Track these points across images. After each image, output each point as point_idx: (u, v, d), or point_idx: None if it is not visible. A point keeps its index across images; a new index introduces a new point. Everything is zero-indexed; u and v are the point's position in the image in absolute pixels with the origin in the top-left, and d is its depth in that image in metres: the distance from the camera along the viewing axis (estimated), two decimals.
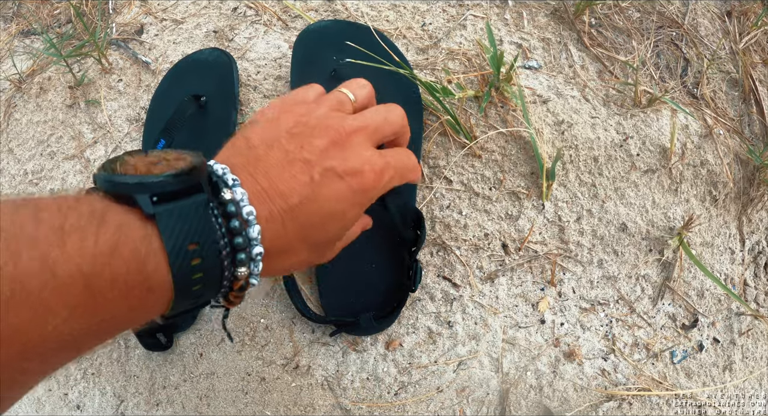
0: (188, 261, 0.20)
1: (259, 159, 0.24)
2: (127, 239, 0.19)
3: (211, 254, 0.21)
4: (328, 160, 0.25)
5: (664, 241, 0.49)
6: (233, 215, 0.22)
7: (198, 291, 0.21)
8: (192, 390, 0.45)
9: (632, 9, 0.54)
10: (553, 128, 0.47)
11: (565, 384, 0.45)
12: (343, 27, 0.46)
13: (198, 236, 0.20)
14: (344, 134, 0.26)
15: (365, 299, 0.42)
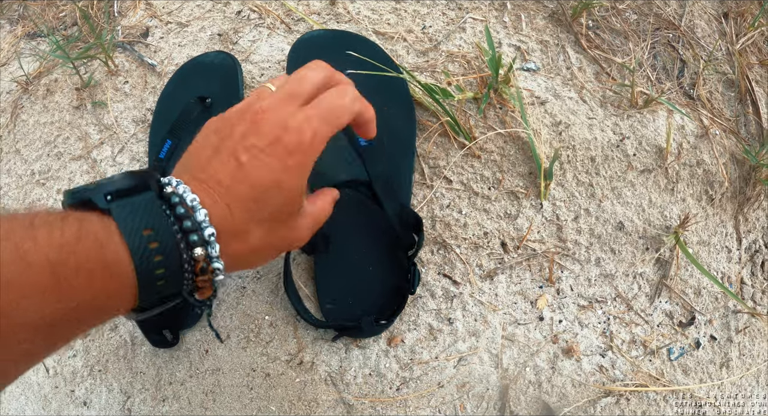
0: (145, 244, 0.22)
1: (197, 161, 0.27)
2: (89, 231, 0.21)
3: (166, 237, 0.22)
4: (248, 139, 0.26)
5: (661, 240, 0.50)
6: (178, 204, 0.24)
7: (161, 275, 0.22)
8: (198, 386, 0.46)
9: (629, 11, 0.55)
10: (550, 129, 0.48)
11: (563, 379, 0.46)
12: (336, 36, 0.47)
13: (151, 223, 0.22)
14: (260, 112, 0.27)
15: (364, 302, 0.43)
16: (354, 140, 0.41)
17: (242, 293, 0.47)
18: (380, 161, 0.41)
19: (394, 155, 0.44)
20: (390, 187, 0.40)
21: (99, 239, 0.21)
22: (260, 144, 0.26)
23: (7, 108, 0.58)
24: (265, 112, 0.27)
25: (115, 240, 0.21)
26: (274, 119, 0.26)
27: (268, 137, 0.26)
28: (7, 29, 0.62)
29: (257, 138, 0.26)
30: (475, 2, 0.53)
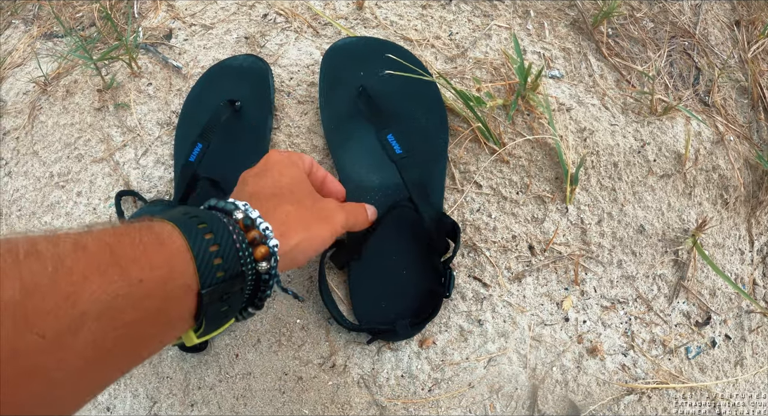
0: (187, 218, 0.24)
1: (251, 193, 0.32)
2: (138, 220, 0.24)
3: (207, 214, 0.25)
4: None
5: (679, 242, 0.51)
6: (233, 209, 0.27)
7: (211, 242, 0.24)
8: (228, 391, 0.46)
9: (646, 19, 0.57)
10: (576, 135, 0.49)
11: (588, 378, 0.48)
12: (367, 44, 0.47)
13: (197, 213, 0.25)
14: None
15: (398, 305, 0.44)
16: (389, 148, 0.42)
17: (273, 296, 0.47)
18: (415, 168, 0.41)
19: (428, 163, 0.45)
20: (427, 194, 0.41)
21: (146, 222, 0.23)
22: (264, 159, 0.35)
23: (24, 109, 0.57)
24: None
25: (161, 220, 0.24)
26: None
27: (266, 156, 0.36)
28: (22, 29, 0.61)
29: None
30: (499, 10, 0.54)
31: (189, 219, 0.24)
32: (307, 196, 0.33)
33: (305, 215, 0.31)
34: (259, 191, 0.31)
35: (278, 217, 0.29)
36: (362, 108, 0.45)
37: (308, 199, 0.33)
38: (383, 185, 0.44)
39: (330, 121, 0.47)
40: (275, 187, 0.32)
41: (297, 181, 0.33)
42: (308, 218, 0.31)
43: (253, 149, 0.47)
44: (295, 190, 0.33)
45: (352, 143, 0.45)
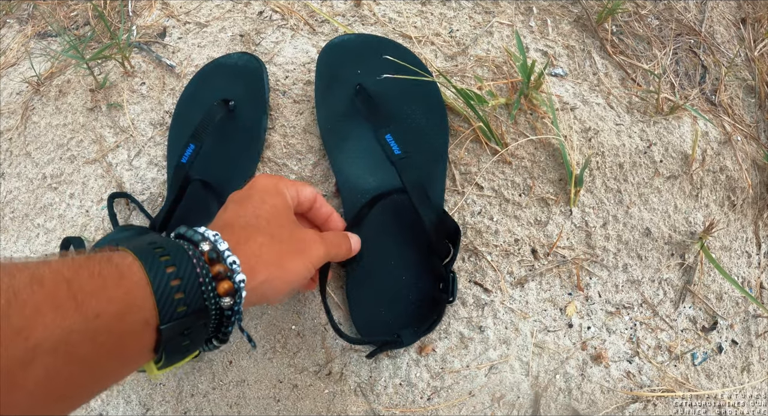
0: (151, 250, 0.23)
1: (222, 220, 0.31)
2: (99, 252, 0.22)
3: (173, 248, 0.24)
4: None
5: (686, 245, 0.49)
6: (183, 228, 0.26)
7: (177, 288, 0.22)
8: (221, 398, 0.44)
9: (651, 17, 0.54)
10: (580, 135, 0.47)
11: (592, 386, 0.45)
12: (365, 41, 0.45)
13: (161, 242, 0.24)
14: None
15: (399, 312, 0.41)
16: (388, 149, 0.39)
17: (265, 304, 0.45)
18: (414, 169, 0.39)
19: (428, 163, 0.42)
20: (426, 195, 0.38)
21: (107, 253, 0.22)
22: (246, 187, 0.33)
23: (17, 109, 0.54)
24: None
25: (122, 251, 0.23)
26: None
27: (250, 182, 0.34)
28: (16, 29, 0.59)
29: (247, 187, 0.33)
30: (500, 6, 0.52)
31: (152, 250, 0.23)
32: (285, 227, 0.31)
33: (279, 249, 0.29)
34: (234, 220, 0.29)
35: (249, 250, 0.27)
36: (360, 107, 0.42)
37: (285, 230, 0.31)
38: (381, 186, 0.42)
39: (326, 120, 0.44)
40: (253, 216, 0.30)
41: (277, 210, 0.31)
42: (282, 252, 0.29)
43: (247, 149, 0.45)
44: (272, 220, 0.30)
45: (350, 144, 0.43)
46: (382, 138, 0.39)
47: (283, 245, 0.29)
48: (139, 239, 0.24)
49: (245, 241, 0.27)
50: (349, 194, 0.42)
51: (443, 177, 0.43)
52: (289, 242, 0.30)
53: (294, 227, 0.32)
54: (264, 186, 0.32)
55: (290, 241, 0.30)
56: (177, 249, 0.24)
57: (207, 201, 0.44)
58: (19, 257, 0.49)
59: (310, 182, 0.37)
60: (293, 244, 0.30)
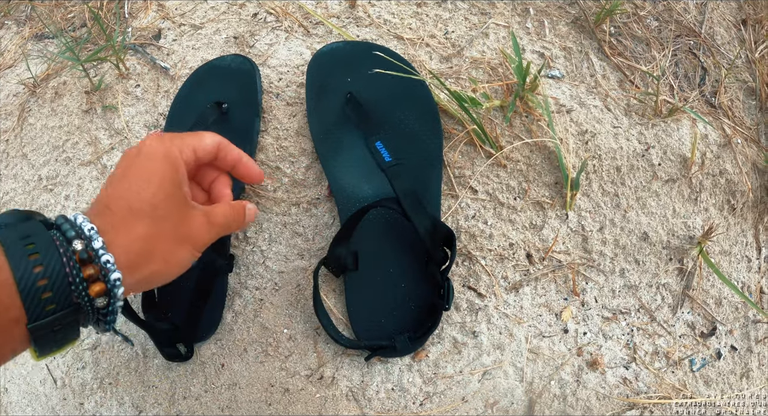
0: (21, 247, 0.22)
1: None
2: None
3: (43, 238, 0.23)
4: (124, 158, 0.29)
5: (684, 250, 0.47)
6: (59, 218, 0.24)
7: (44, 287, 0.22)
8: (213, 401, 0.43)
9: (650, 18, 0.53)
10: (576, 138, 0.45)
11: (588, 393, 0.44)
12: (354, 48, 0.44)
13: (29, 232, 0.23)
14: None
15: (396, 319, 0.40)
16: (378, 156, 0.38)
17: (260, 305, 0.44)
18: (407, 177, 0.38)
19: (422, 168, 0.41)
20: (419, 202, 0.37)
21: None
22: (130, 153, 0.28)
23: (13, 111, 0.54)
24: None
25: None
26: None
27: (135, 148, 0.29)
28: (14, 30, 0.58)
29: (129, 153, 0.29)
30: (497, 8, 0.50)
31: (23, 247, 0.22)
32: (171, 211, 0.27)
33: (163, 241, 0.26)
34: (115, 201, 0.26)
35: (128, 242, 0.25)
36: (351, 115, 0.41)
37: (172, 215, 0.27)
38: (377, 195, 0.41)
39: (319, 130, 0.43)
40: (136, 199, 0.26)
41: (164, 191, 0.27)
42: (166, 244, 0.27)
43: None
44: (159, 204, 0.26)
45: (342, 152, 0.42)
46: (372, 145, 0.38)
47: (169, 235, 0.27)
48: (15, 229, 0.23)
49: (125, 231, 0.25)
50: (345, 203, 0.41)
51: (438, 182, 0.42)
52: (175, 229, 0.27)
53: (182, 209, 0.28)
54: (152, 153, 0.28)
55: (176, 228, 0.27)
56: (48, 246, 0.22)
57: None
58: None
59: (210, 133, 0.32)
60: (179, 231, 0.27)
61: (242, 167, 0.33)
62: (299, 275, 0.44)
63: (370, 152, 0.38)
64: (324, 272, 0.43)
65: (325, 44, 0.44)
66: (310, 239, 0.44)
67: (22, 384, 0.49)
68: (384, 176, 0.40)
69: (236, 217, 0.32)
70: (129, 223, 0.25)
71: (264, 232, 0.45)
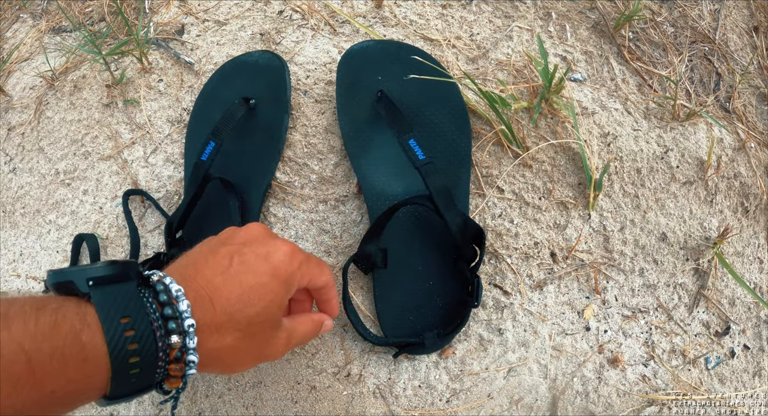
0: (121, 332, 0.21)
1: (188, 259, 0.28)
2: (65, 318, 0.21)
3: (143, 325, 0.22)
4: (246, 246, 0.28)
5: (700, 250, 0.48)
6: (162, 292, 0.24)
7: (135, 364, 0.22)
8: (237, 400, 0.43)
9: (666, 24, 0.54)
10: (599, 140, 0.46)
11: (609, 389, 0.45)
12: (385, 47, 0.44)
13: (129, 311, 0.22)
14: (266, 235, 0.30)
15: (425, 317, 0.40)
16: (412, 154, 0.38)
17: None
18: (439, 174, 0.38)
19: (452, 167, 0.41)
20: (451, 200, 0.38)
21: (75, 326, 0.21)
22: (256, 250, 0.27)
23: (30, 104, 0.53)
24: (264, 234, 0.30)
25: (92, 327, 0.21)
26: (272, 240, 0.29)
27: (264, 247, 0.28)
28: (30, 24, 0.57)
29: (255, 246, 0.28)
30: (520, 11, 0.51)
31: (118, 325, 0.21)
32: (265, 332, 0.27)
33: (243, 355, 0.27)
34: (220, 301, 0.25)
35: (211, 351, 0.25)
36: (382, 113, 0.41)
37: (262, 336, 0.27)
38: (407, 192, 0.41)
39: (349, 128, 0.43)
40: (240, 310, 0.25)
41: (268, 313, 0.26)
42: (244, 358, 0.27)
43: (268, 148, 0.44)
44: (256, 324, 0.26)
45: (372, 150, 0.42)
46: (406, 143, 0.38)
47: (250, 351, 0.27)
48: (111, 302, 0.22)
49: (217, 337, 0.25)
50: (374, 201, 0.41)
51: (467, 181, 0.42)
52: (259, 348, 0.27)
53: (273, 332, 0.28)
54: (277, 272, 0.27)
55: (260, 347, 0.27)
56: (142, 323, 0.22)
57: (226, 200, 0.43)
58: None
59: (328, 266, 0.32)
60: (261, 350, 0.27)
61: (328, 308, 0.34)
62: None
63: (403, 149, 0.38)
64: (351, 269, 0.43)
65: (355, 43, 0.44)
66: (338, 236, 0.44)
67: None
68: (414, 173, 0.40)
69: (314, 334, 0.33)
70: (223, 330, 0.25)
71: (290, 229, 0.45)
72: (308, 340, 0.32)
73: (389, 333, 0.41)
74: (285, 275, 0.27)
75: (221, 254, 0.27)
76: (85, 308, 0.22)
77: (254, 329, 0.26)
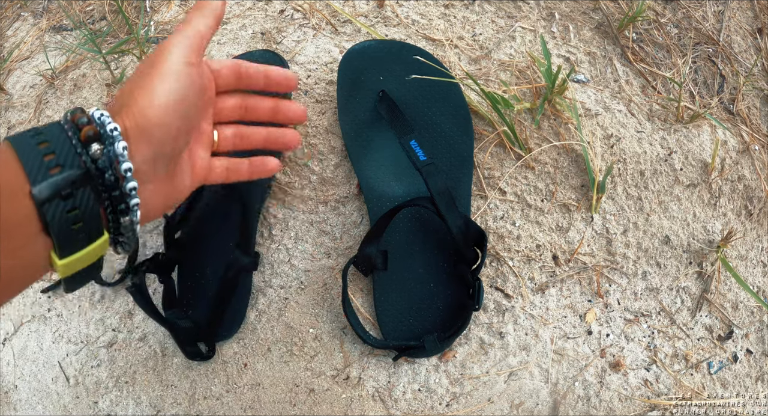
0: (28, 136, 0.20)
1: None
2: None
3: (52, 127, 0.21)
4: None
5: (704, 254, 0.47)
6: (77, 111, 0.22)
7: (45, 149, 0.20)
8: (236, 402, 0.42)
9: (670, 25, 0.53)
10: (602, 142, 0.45)
11: (611, 394, 0.44)
12: (387, 47, 0.43)
13: (42, 129, 0.21)
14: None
15: (425, 320, 0.40)
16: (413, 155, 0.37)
17: (285, 304, 0.43)
18: (441, 176, 0.37)
19: (453, 168, 0.40)
20: (453, 202, 0.37)
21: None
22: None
23: (30, 103, 0.52)
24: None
25: (2, 143, 0.20)
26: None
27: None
28: (31, 22, 0.57)
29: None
30: (523, 11, 0.50)
31: (23, 131, 0.21)
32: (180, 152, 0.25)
33: (135, 75, 0.24)
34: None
35: (113, 98, 0.24)
36: (383, 114, 0.40)
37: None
38: (407, 194, 0.40)
39: (350, 128, 0.42)
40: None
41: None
42: (138, 74, 0.24)
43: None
44: (141, 65, 0.24)
45: (373, 151, 0.41)
46: (407, 144, 0.37)
47: (144, 68, 0.24)
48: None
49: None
50: (375, 202, 0.40)
51: (469, 182, 0.41)
52: (149, 64, 0.24)
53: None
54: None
55: (148, 63, 0.25)
56: (48, 125, 0.21)
57: (226, 200, 0.42)
58: None
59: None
60: (149, 62, 0.24)
61: (273, 72, 0.29)
62: (326, 274, 0.43)
63: (404, 150, 0.37)
64: (351, 271, 0.42)
65: (356, 43, 0.43)
66: (338, 237, 0.43)
67: (32, 382, 0.47)
68: (415, 174, 0.39)
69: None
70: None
71: (290, 230, 0.44)
72: (218, 17, 0.28)
73: (389, 335, 0.40)
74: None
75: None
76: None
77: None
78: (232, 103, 0.31)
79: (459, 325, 0.38)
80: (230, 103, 0.31)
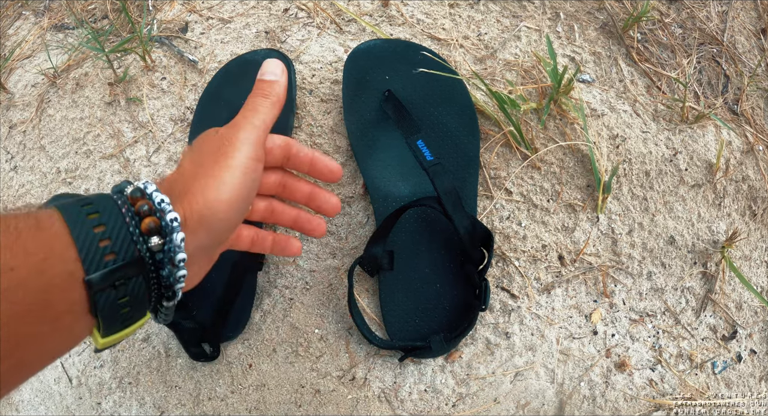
0: (79, 208, 0.20)
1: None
2: (22, 209, 0.19)
3: (106, 204, 0.20)
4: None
5: (708, 254, 0.47)
6: (130, 185, 0.22)
7: (96, 222, 0.20)
8: (240, 403, 0.42)
9: (675, 25, 0.53)
10: (608, 142, 0.45)
11: (616, 394, 0.43)
12: (392, 46, 0.43)
13: (91, 200, 0.20)
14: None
15: (431, 320, 0.39)
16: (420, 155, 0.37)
17: (290, 304, 0.43)
18: (447, 175, 0.37)
19: (459, 168, 0.40)
20: (459, 202, 0.36)
21: (32, 210, 0.19)
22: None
23: (32, 102, 0.51)
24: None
25: (48, 210, 0.19)
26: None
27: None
28: (32, 21, 0.56)
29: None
30: (528, 11, 0.50)
31: (74, 202, 0.20)
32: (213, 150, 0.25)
33: (199, 159, 0.24)
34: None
35: (171, 177, 0.23)
36: (389, 113, 0.40)
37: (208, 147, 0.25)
38: (413, 193, 0.40)
39: (355, 127, 0.42)
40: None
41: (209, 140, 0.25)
42: (204, 160, 0.24)
43: None
44: (203, 146, 0.25)
45: (379, 150, 0.41)
46: (414, 144, 0.37)
47: (205, 152, 0.24)
48: (67, 198, 0.21)
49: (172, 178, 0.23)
50: (381, 202, 0.40)
51: (475, 182, 0.41)
52: (210, 150, 0.25)
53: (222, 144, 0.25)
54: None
55: (210, 149, 0.25)
56: (100, 197, 0.21)
57: None
58: None
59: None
60: (213, 150, 0.25)
61: (319, 163, 0.30)
62: (331, 275, 0.42)
63: (411, 150, 0.37)
64: (357, 271, 0.42)
65: (361, 42, 0.43)
66: (343, 237, 0.43)
67: (34, 382, 0.47)
68: (421, 174, 0.39)
69: (268, 91, 0.29)
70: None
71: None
72: (277, 101, 0.29)
73: (395, 336, 0.39)
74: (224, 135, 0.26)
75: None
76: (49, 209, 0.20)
77: (202, 149, 0.25)
78: (273, 179, 0.31)
79: (465, 325, 0.38)
80: (272, 179, 0.31)
